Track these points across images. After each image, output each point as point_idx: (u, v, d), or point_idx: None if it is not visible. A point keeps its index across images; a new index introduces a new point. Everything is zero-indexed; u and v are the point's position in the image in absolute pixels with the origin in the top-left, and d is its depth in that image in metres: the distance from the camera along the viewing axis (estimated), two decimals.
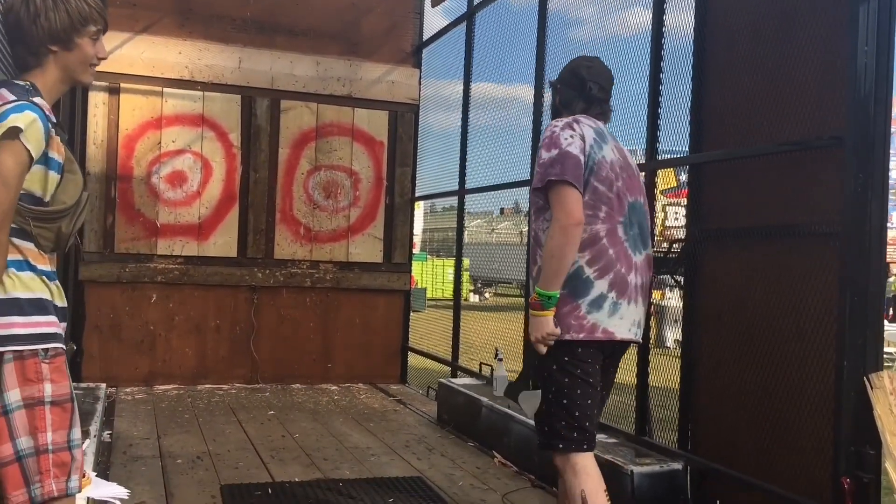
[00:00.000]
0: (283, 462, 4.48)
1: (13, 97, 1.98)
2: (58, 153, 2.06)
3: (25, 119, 1.94)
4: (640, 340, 3.00)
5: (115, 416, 5.37)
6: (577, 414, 2.75)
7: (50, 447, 2.01)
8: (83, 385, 5.52)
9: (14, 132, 1.92)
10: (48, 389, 2.01)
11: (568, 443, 2.76)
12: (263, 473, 4.26)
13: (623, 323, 2.79)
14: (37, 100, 2.02)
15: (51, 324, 2.05)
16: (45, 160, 2.02)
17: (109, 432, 4.91)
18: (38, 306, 2.03)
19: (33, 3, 2.06)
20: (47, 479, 2.01)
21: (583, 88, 2.95)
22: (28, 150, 1.94)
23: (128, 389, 6.32)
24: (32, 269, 2.05)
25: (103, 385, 5.56)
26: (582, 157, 2.72)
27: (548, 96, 5.32)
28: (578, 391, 2.76)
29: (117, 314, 6.47)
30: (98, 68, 2.25)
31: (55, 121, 2.08)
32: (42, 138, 1.98)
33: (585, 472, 2.75)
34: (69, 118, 5.73)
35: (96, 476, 2.70)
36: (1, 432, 1.97)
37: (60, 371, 2.05)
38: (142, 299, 6.56)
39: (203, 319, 6.73)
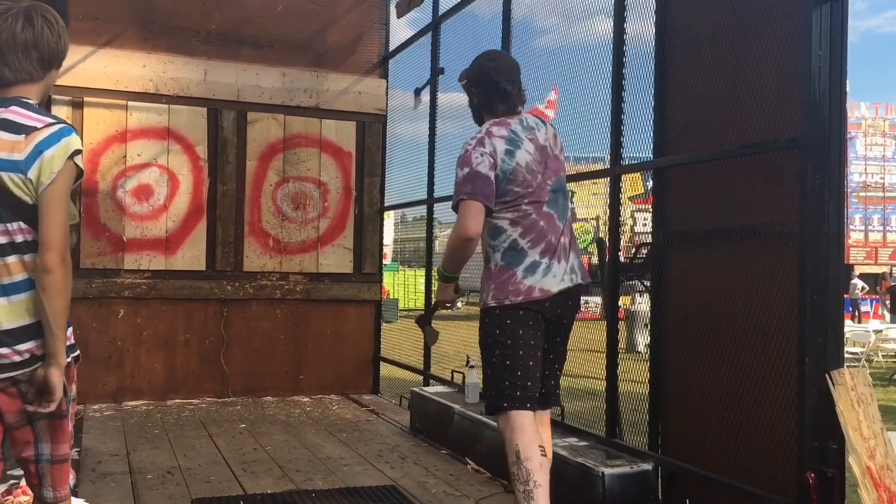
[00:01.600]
0: (255, 475, 4.46)
1: (49, 118, 2.11)
2: None
3: (78, 142, 2.13)
4: (580, 281, 3.17)
5: (84, 433, 5.29)
6: (519, 373, 2.99)
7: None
8: None
9: (76, 154, 2.10)
10: (74, 390, 2.24)
11: (511, 401, 2.98)
12: (235, 486, 4.23)
13: (555, 279, 3.06)
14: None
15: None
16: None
17: (77, 449, 4.84)
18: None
19: (58, 24, 2.17)
20: (72, 475, 2.31)
21: (497, 90, 3.17)
22: (79, 170, 2.14)
23: (96, 406, 6.24)
24: None
25: (73, 399, 5.47)
26: (492, 174, 3.01)
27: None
28: (521, 352, 3.00)
29: (84, 330, 6.38)
30: (61, 82, 2.36)
31: None
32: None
33: (522, 428, 2.95)
34: None
35: None
36: (64, 433, 2.19)
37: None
38: (109, 315, 6.49)
39: (172, 334, 6.67)
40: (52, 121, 2.10)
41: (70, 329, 2.20)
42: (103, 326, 6.47)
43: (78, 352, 2.26)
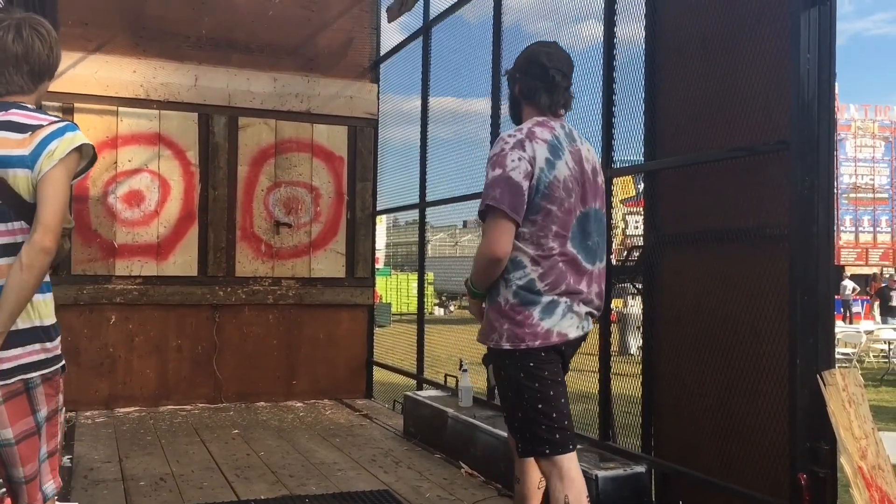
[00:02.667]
0: (249, 480, 4.45)
1: (53, 117, 2.15)
2: None
3: (83, 137, 2.15)
4: (590, 328, 2.93)
5: (76, 441, 5.28)
6: (554, 415, 2.74)
7: (58, 448, 2.25)
8: None
9: (82, 147, 2.13)
10: (61, 400, 2.24)
11: (554, 446, 2.73)
12: (228, 492, 4.22)
13: (573, 322, 2.79)
14: None
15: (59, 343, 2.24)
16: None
17: (70, 457, 4.82)
18: (57, 328, 2.20)
19: (50, 36, 2.20)
20: (56, 476, 2.24)
21: (545, 77, 2.83)
22: (86, 162, 2.20)
23: (88, 413, 6.22)
24: (49, 288, 2.20)
25: (62, 409, 5.45)
26: (526, 184, 2.68)
27: (505, 107, 5.40)
28: (551, 392, 2.75)
29: (75, 337, 6.37)
30: (51, 88, 2.38)
31: None
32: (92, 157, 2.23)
33: (570, 477, 2.73)
34: None
35: (58, 501, 2.66)
36: (35, 443, 2.16)
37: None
38: (100, 321, 6.47)
39: (164, 340, 6.65)
40: (55, 119, 2.13)
41: (58, 339, 2.19)
42: (95, 333, 6.44)
43: (63, 362, 2.25)
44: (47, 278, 2.15)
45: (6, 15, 2.13)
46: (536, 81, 2.84)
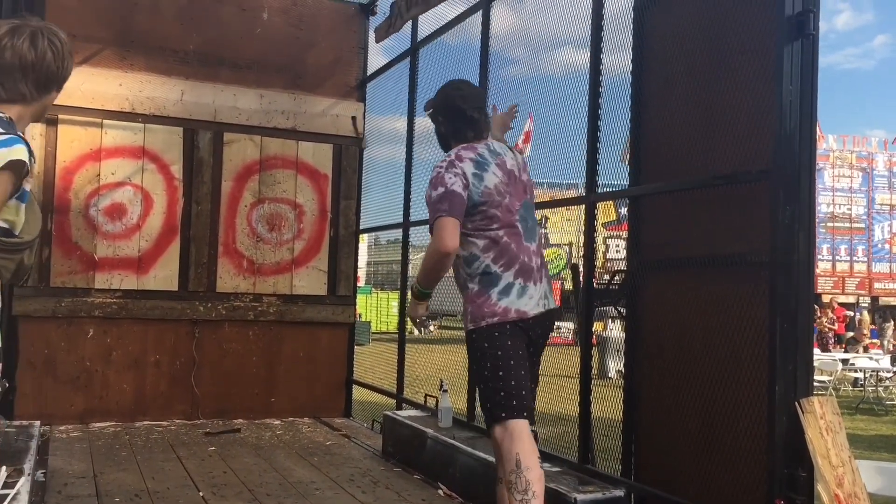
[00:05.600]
0: (225, 498, 4.40)
1: (4, 129, 2.04)
2: (28, 186, 2.11)
3: (20, 153, 2.01)
4: (553, 306, 3.34)
5: (50, 455, 5.20)
6: (512, 383, 3.09)
7: None
8: (16, 423, 5.33)
9: (12, 165, 1.98)
10: None
11: (509, 410, 3.07)
12: None
13: (532, 301, 3.22)
14: (21, 133, 2.07)
15: None
16: (21, 193, 2.07)
17: (43, 471, 4.75)
18: None
19: (64, 47, 2.16)
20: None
21: (464, 119, 3.34)
22: (14, 184, 2.00)
23: (62, 427, 6.13)
24: None
25: (37, 423, 5.38)
26: (464, 194, 3.16)
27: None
28: (511, 362, 3.12)
29: (52, 350, 6.29)
30: None
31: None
32: (24, 173, 2.05)
33: (521, 437, 3.03)
34: None
35: None
36: None
37: None
38: (78, 334, 6.40)
39: (142, 354, 6.59)
40: (2, 131, 2.04)
41: None
42: (72, 346, 6.37)
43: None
44: None
45: (23, 22, 2.13)
46: (459, 122, 3.36)
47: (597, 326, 5.25)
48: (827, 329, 18.90)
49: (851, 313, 22.77)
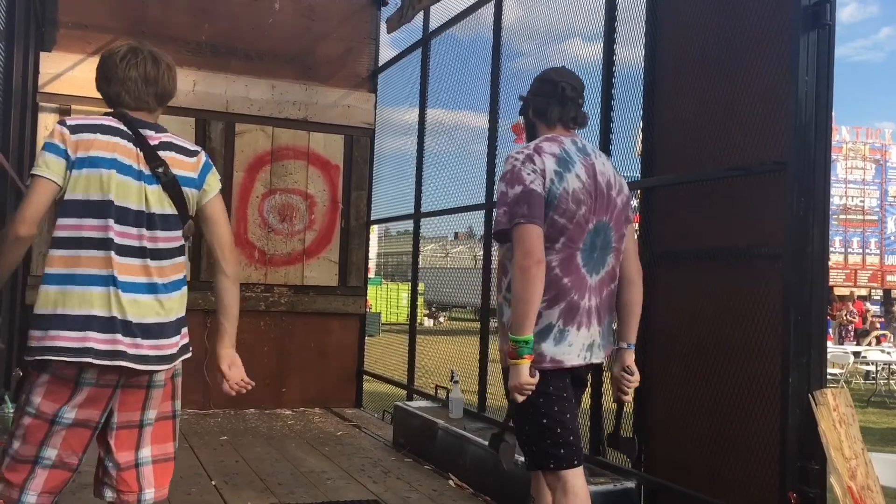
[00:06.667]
0: (237, 487, 4.43)
1: (191, 146, 2.61)
2: None
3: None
4: (596, 362, 2.84)
5: None
6: (559, 430, 2.71)
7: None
8: None
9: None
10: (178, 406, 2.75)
11: (558, 460, 2.71)
12: (216, 499, 4.20)
13: (572, 349, 2.73)
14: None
15: None
16: None
17: None
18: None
19: (173, 70, 2.67)
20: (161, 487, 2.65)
21: (555, 91, 2.82)
22: None
23: None
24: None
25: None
26: (543, 194, 2.65)
27: (503, 123, 5.43)
28: (555, 408, 2.72)
29: None
30: (48, 90, 2.49)
31: None
32: None
33: (574, 492, 2.71)
34: (19, 140, 5.63)
35: None
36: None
37: None
38: None
39: None
40: (194, 147, 2.65)
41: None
42: None
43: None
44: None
45: (141, 47, 2.57)
46: (547, 97, 2.84)
47: None
48: (847, 321, 18.84)
49: (871, 307, 22.71)
